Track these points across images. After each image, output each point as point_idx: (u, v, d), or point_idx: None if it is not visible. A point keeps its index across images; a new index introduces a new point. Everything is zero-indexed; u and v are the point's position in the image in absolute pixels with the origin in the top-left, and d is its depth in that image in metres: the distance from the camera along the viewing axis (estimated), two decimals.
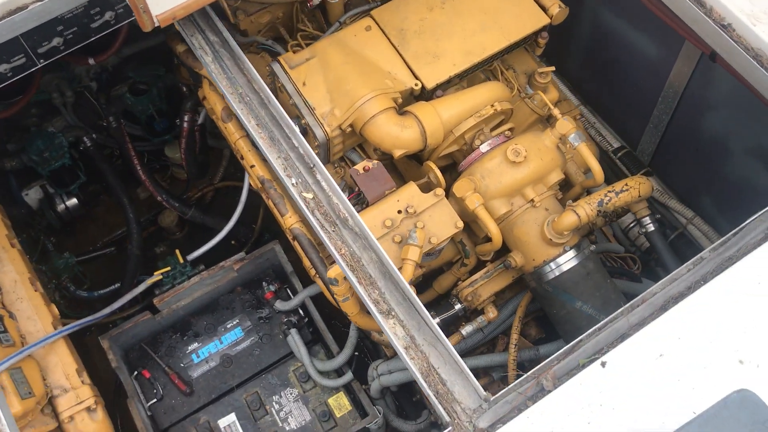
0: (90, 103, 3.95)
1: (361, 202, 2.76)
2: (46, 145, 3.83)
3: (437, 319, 2.96)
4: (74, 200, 4.19)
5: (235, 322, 3.68)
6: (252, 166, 3.04)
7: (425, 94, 2.85)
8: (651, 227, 2.99)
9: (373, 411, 3.35)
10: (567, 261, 2.72)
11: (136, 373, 3.58)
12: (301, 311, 3.65)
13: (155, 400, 3.51)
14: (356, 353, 3.45)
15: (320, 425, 3.42)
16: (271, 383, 3.54)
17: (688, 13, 2.51)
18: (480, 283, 2.93)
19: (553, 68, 3.11)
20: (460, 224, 2.65)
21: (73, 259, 4.09)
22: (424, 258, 2.83)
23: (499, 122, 2.97)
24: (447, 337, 3.00)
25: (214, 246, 3.92)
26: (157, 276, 3.76)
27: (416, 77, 2.82)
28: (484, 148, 2.82)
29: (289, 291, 3.73)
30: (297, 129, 2.40)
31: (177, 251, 3.83)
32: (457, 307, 2.97)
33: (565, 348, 2.00)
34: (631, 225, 3.50)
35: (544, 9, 2.96)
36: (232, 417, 3.47)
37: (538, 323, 3.22)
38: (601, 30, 3.43)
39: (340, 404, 3.47)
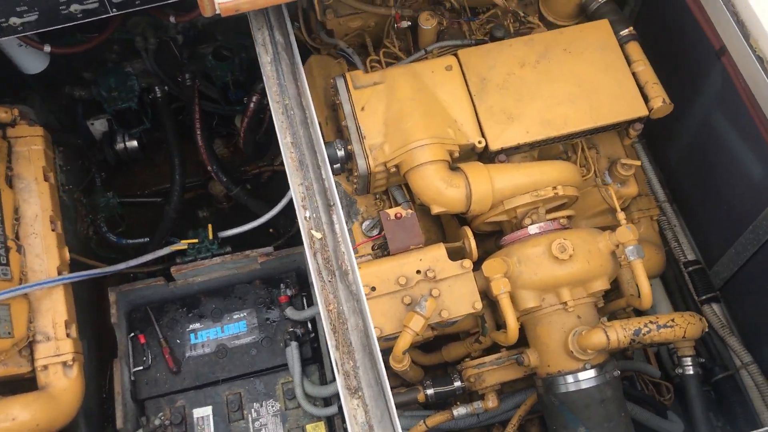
0: (172, 55, 3.87)
1: (383, 247, 2.56)
2: (117, 83, 3.79)
3: (431, 390, 2.75)
4: (135, 143, 4.15)
5: (242, 315, 3.55)
6: None
7: (487, 154, 2.61)
8: (690, 371, 2.63)
9: None
10: (583, 380, 2.44)
11: (132, 334, 3.51)
12: (309, 325, 3.48)
13: (141, 367, 3.43)
14: None
15: None
16: (257, 389, 3.39)
17: None
18: (487, 368, 2.68)
19: (638, 163, 2.80)
20: (478, 306, 2.41)
21: (115, 199, 4.06)
22: (437, 325, 2.61)
23: (560, 204, 2.70)
24: (437, 411, 2.82)
25: (249, 230, 3.82)
26: (182, 245, 3.67)
27: (483, 134, 2.58)
28: (532, 229, 2.56)
29: (304, 300, 3.57)
30: (326, 154, 2.21)
31: (209, 226, 3.73)
32: (457, 384, 2.74)
33: None
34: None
35: (646, 99, 2.65)
36: (208, 410, 3.35)
37: (541, 423, 2.96)
38: (709, 132, 3.06)
39: None
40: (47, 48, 3.10)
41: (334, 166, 2.60)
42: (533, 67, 2.66)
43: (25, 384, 2.93)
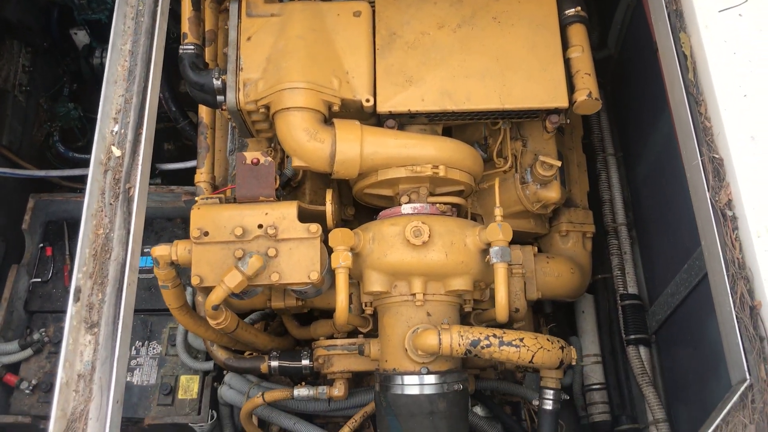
0: None
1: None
2: None
3: (276, 362, 2.50)
4: None
5: None
6: None
7: (377, 117, 2.32)
8: (547, 405, 2.24)
9: (205, 414, 2.96)
10: (412, 385, 2.13)
11: (42, 245, 3.42)
12: None
13: (40, 279, 3.34)
14: None
15: (158, 396, 3.08)
16: (146, 327, 3.24)
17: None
18: (337, 351, 2.42)
19: (559, 163, 2.43)
20: (314, 276, 2.14)
21: (77, 112, 3.99)
22: (299, 294, 2.37)
23: (455, 191, 2.38)
24: (281, 386, 2.58)
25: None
26: None
27: (374, 93, 2.29)
28: (405, 209, 2.27)
29: None
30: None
31: None
32: (305, 362, 2.49)
33: None
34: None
35: (572, 90, 2.29)
36: None
37: None
38: (670, 150, 2.66)
39: (188, 387, 3.10)
40: None
41: (218, 98, 2.37)
42: (452, 30, 2.34)
43: None
